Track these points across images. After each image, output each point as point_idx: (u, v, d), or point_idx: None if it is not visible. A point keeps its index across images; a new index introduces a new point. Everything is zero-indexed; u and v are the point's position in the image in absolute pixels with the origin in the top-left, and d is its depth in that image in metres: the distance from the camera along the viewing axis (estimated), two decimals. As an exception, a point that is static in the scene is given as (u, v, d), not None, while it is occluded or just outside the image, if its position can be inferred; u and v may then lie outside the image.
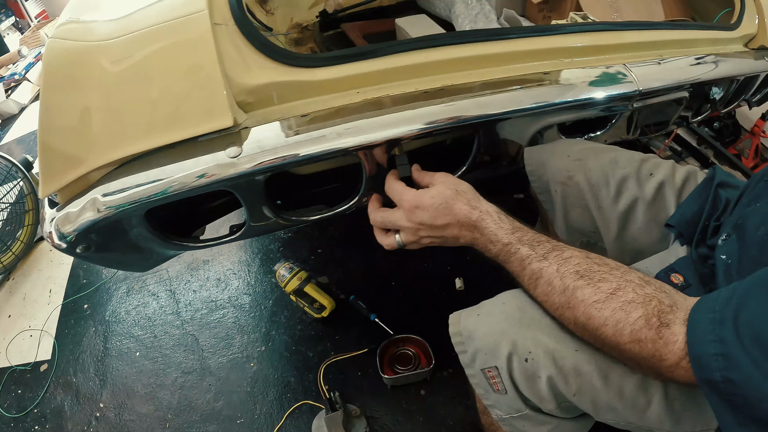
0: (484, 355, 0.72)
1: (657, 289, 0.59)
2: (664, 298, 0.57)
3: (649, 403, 0.65)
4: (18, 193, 2.08)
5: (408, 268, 1.70)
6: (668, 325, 0.55)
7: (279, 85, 0.82)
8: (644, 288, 0.59)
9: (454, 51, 0.90)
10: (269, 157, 0.78)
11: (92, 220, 0.80)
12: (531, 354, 0.68)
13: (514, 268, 0.70)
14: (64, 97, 0.81)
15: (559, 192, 0.94)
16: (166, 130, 0.78)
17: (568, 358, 0.66)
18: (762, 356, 0.46)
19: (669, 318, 0.55)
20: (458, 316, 0.76)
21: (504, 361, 0.70)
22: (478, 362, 0.73)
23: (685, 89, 1.07)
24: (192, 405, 1.45)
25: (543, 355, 0.67)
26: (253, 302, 1.70)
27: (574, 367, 0.66)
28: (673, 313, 0.56)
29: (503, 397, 0.74)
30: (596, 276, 0.62)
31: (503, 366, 0.70)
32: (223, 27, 0.83)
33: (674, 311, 0.56)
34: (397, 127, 0.82)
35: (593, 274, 0.62)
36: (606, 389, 0.66)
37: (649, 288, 0.59)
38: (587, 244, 0.95)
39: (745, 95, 1.29)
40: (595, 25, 1.16)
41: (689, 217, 0.82)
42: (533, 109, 0.90)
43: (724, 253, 0.71)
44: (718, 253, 0.72)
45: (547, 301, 0.66)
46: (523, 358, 0.68)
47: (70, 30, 0.89)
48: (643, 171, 0.90)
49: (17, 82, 3.61)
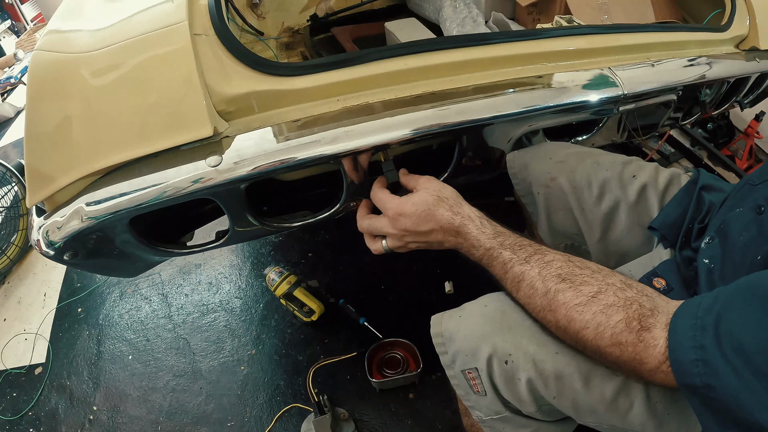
0: (465, 357, 0.72)
1: (638, 293, 0.59)
2: (646, 302, 0.58)
3: (631, 405, 0.65)
4: (13, 198, 2.09)
5: (398, 271, 1.71)
6: (649, 329, 0.55)
7: (259, 94, 0.83)
8: (625, 291, 0.59)
9: (433, 57, 0.90)
10: (249, 165, 0.79)
11: (78, 229, 0.81)
12: (511, 357, 0.68)
13: (497, 272, 0.71)
14: (48, 109, 0.82)
15: (542, 194, 0.94)
16: (149, 139, 0.79)
17: (548, 362, 0.67)
18: (742, 365, 0.46)
19: (650, 322, 0.56)
20: (440, 318, 0.77)
21: (484, 363, 0.70)
22: (459, 363, 0.73)
23: (673, 92, 1.07)
24: (183, 408, 1.46)
25: (523, 357, 0.67)
26: (244, 306, 1.71)
27: (554, 370, 0.66)
28: (654, 317, 0.56)
29: (483, 398, 0.74)
30: (578, 279, 0.62)
31: (483, 368, 0.70)
32: (203, 37, 0.83)
33: (655, 315, 0.56)
34: (378, 134, 0.83)
35: (575, 278, 0.63)
36: (587, 392, 0.66)
37: (630, 291, 0.59)
38: (571, 247, 0.96)
39: (737, 97, 1.29)
40: (580, 28, 1.16)
41: (672, 219, 0.82)
42: (514, 114, 0.90)
43: (706, 256, 0.72)
44: (701, 256, 0.73)
45: (529, 304, 0.67)
46: (503, 361, 0.69)
47: (55, 41, 0.90)
48: (626, 173, 0.90)
49: (13, 85, 3.61)
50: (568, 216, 0.93)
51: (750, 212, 0.68)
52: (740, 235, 0.67)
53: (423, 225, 0.74)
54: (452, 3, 1.47)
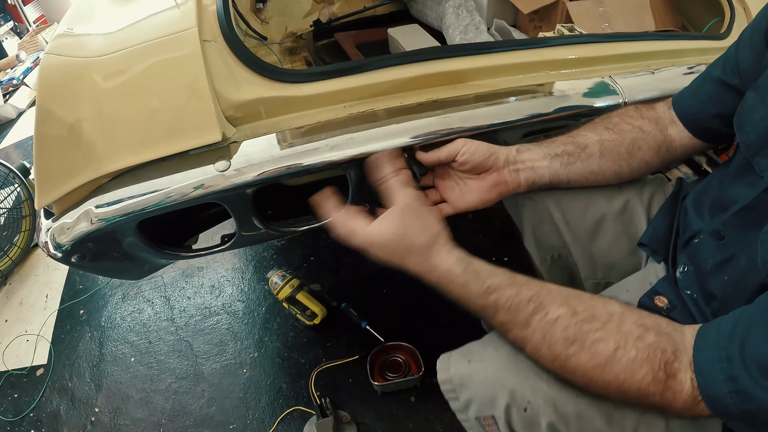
0: (480, 404, 0.67)
1: (657, 335, 0.56)
2: (667, 345, 0.55)
3: None
4: (15, 199, 2.09)
5: (399, 275, 1.68)
6: (675, 375, 0.53)
7: (267, 100, 0.85)
8: (644, 338, 0.55)
9: (438, 66, 0.92)
10: (257, 171, 0.80)
11: (86, 232, 0.82)
12: (530, 403, 0.63)
13: (494, 326, 0.66)
14: (59, 112, 0.83)
15: (526, 207, 0.92)
16: (158, 144, 0.80)
17: (569, 405, 0.62)
18: None
19: (675, 367, 0.54)
20: (447, 362, 0.70)
21: (502, 411, 0.65)
22: (473, 410, 0.68)
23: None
24: (186, 410, 1.47)
25: (543, 403, 0.63)
26: (247, 309, 1.72)
27: (575, 412, 0.62)
28: (678, 360, 0.54)
29: None
30: (589, 338, 0.57)
31: (501, 416, 0.65)
32: (212, 44, 0.85)
33: (678, 357, 0.54)
34: (382, 141, 0.84)
35: (585, 336, 0.57)
36: (609, 428, 0.63)
37: (649, 336, 0.55)
38: (558, 258, 0.94)
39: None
40: (582, 37, 1.17)
41: (661, 234, 0.81)
42: (516, 121, 0.92)
43: (686, 287, 0.71)
44: (682, 287, 0.72)
45: (538, 363, 0.62)
46: (522, 408, 0.64)
47: (65, 44, 0.92)
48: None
49: (15, 86, 3.62)
50: (553, 228, 0.90)
51: (710, 239, 0.69)
52: (707, 264, 0.68)
53: (395, 259, 0.70)
54: (455, 10, 1.49)
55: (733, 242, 0.66)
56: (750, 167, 0.65)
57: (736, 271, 0.64)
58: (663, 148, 0.82)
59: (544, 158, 0.81)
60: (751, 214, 0.64)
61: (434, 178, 0.87)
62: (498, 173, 0.81)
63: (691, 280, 0.71)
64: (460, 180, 0.84)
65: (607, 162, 0.81)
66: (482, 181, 0.82)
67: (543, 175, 0.81)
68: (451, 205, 0.84)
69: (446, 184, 0.85)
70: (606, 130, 0.82)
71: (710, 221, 0.72)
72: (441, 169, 0.85)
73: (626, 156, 0.81)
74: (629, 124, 0.82)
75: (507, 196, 0.84)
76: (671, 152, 0.82)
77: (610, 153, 0.81)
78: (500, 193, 0.82)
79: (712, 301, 0.68)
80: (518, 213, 0.95)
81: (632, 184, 0.87)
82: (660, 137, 0.81)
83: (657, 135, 0.81)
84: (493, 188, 0.82)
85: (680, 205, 0.82)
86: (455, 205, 0.84)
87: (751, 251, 0.60)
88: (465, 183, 0.84)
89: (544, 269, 0.96)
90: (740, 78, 0.72)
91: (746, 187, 0.66)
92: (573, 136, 0.83)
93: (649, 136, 0.81)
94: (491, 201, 0.83)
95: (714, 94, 0.77)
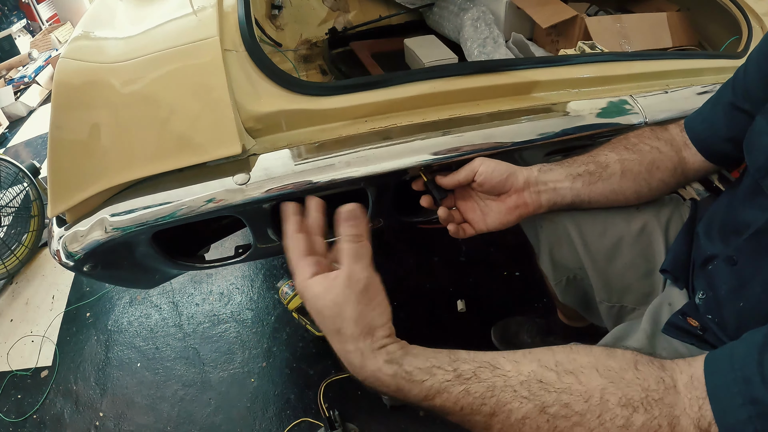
0: None
1: (647, 410, 0.49)
2: (661, 419, 0.48)
3: None
4: (24, 199, 2.09)
5: (409, 289, 1.70)
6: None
7: (288, 113, 0.83)
8: (633, 425, 0.48)
9: (460, 82, 0.91)
10: (276, 184, 0.79)
11: (100, 241, 0.81)
12: None
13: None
14: (74, 119, 0.82)
15: (545, 228, 0.92)
16: (176, 154, 0.79)
17: None
18: None
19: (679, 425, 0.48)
20: None
21: None
22: None
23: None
24: (192, 418, 1.45)
25: None
26: (256, 318, 1.71)
27: None
28: (679, 424, 0.48)
29: None
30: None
31: None
32: (233, 53, 0.84)
33: (675, 428, 0.48)
34: (404, 158, 0.83)
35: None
36: None
37: (637, 418, 0.48)
38: (573, 280, 0.93)
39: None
40: (603, 55, 1.16)
41: (681, 260, 0.80)
42: (541, 139, 0.91)
43: (707, 312, 0.70)
44: (703, 312, 0.71)
45: None
46: None
47: (82, 49, 0.91)
48: (630, 206, 0.88)
49: (27, 84, 3.64)
50: (571, 249, 0.89)
51: (724, 265, 0.68)
52: (722, 290, 0.67)
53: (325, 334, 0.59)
54: (473, 23, 1.48)
55: (747, 268, 0.65)
56: (760, 190, 0.64)
57: (751, 298, 0.63)
58: (679, 170, 0.81)
59: (566, 179, 0.80)
60: (763, 238, 0.63)
61: (456, 199, 0.86)
62: (518, 195, 0.80)
63: (711, 306, 0.70)
64: (481, 201, 0.83)
65: (628, 181, 0.81)
66: (502, 203, 0.81)
67: (565, 195, 0.80)
68: (473, 227, 0.83)
69: (467, 206, 0.84)
70: (626, 149, 0.81)
71: (723, 247, 0.71)
72: (462, 191, 0.85)
73: (646, 176, 0.80)
74: (647, 144, 0.81)
75: (527, 217, 0.83)
76: (686, 174, 0.82)
77: (631, 172, 0.80)
78: (520, 215, 0.81)
79: (729, 328, 0.66)
80: (535, 233, 0.94)
81: (650, 205, 0.86)
82: (675, 159, 0.81)
83: (673, 156, 0.81)
84: (513, 210, 0.81)
85: (696, 229, 0.81)
86: (477, 227, 0.83)
87: (766, 276, 0.59)
88: (486, 204, 0.83)
89: (559, 290, 0.96)
90: (750, 102, 0.71)
91: (758, 209, 0.65)
92: (593, 155, 0.82)
93: (666, 157, 0.81)
94: (512, 223, 0.82)
95: (726, 119, 0.76)
